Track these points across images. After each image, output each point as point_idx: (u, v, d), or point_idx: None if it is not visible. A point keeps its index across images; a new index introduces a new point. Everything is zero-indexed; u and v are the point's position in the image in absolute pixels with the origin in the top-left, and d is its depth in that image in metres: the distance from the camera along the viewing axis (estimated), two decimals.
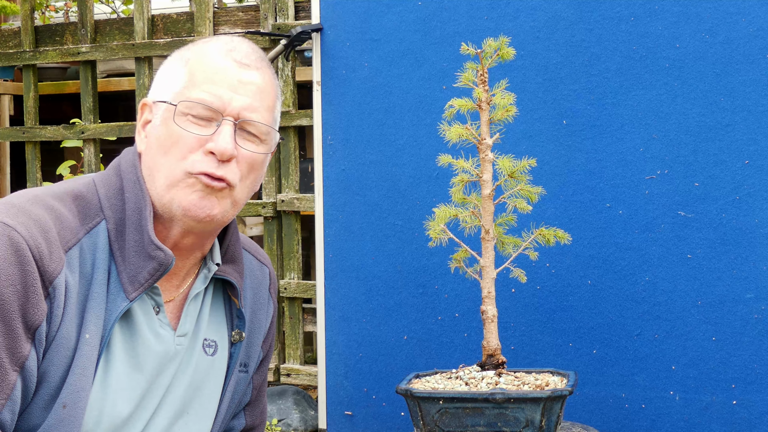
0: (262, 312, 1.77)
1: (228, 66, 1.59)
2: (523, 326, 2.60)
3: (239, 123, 1.58)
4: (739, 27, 2.42)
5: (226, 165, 1.57)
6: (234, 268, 1.70)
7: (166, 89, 1.61)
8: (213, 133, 1.56)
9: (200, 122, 1.57)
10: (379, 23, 2.77)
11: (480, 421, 1.99)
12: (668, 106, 2.48)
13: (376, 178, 2.78)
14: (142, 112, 1.64)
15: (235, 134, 1.58)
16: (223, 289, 1.71)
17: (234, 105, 1.58)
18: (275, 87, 1.65)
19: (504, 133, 2.20)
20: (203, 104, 1.56)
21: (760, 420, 2.42)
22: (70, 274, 1.50)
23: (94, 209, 1.57)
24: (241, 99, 1.58)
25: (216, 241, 1.69)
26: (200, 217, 1.56)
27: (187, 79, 1.59)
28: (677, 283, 2.48)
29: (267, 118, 1.62)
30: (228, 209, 1.60)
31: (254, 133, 1.60)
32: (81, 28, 3.81)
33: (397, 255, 2.75)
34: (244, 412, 1.81)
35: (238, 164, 1.58)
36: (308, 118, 3.32)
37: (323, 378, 2.87)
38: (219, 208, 1.58)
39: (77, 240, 1.52)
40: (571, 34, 2.56)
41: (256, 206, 3.44)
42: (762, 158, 2.41)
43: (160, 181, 1.57)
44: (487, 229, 2.13)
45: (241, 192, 1.61)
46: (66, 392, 1.48)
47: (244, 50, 1.61)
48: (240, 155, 1.58)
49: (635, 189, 2.51)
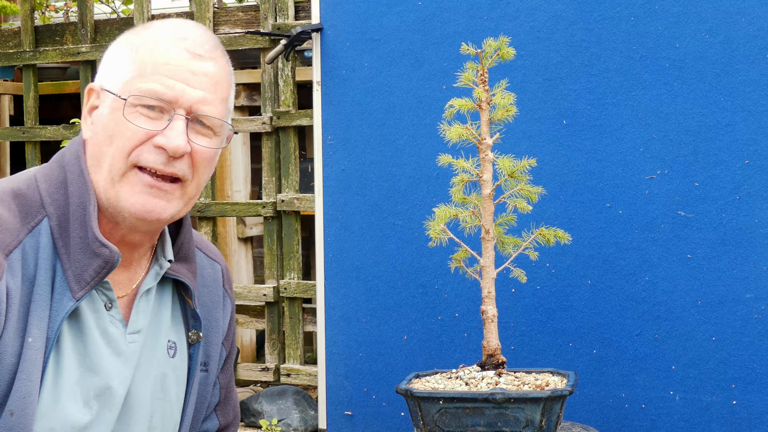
0: (218, 310, 1.70)
1: (180, 56, 1.51)
2: (523, 326, 2.60)
3: (192, 117, 1.50)
4: (739, 27, 2.42)
5: (178, 161, 1.49)
6: (187, 268, 1.63)
7: (115, 77, 1.53)
8: (164, 128, 1.49)
9: (150, 114, 1.49)
10: (379, 23, 2.76)
11: (480, 421, 1.99)
12: (668, 106, 2.48)
13: (376, 178, 2.78)
14: (89, 97, 1.56)
15: (188, 129, 1.50)
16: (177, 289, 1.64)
17: (186, 98, 1.49)
18: (229, 76, 1.57)
19: (504, 133, 2.20)
20: (154, 96, 1.48)
21: (760, 420, 2.42)
22: (12, 279, 1.43)
23: (35, 206, 1.49)
24: (194, 92, 1.50)
25: (168, 236, 1.62)
26: (149, 219, 1.50)
27: (137, 69, 1.51)
28: (677, 283, 2.48)
29: (221, 111, 1.54)
30: (180, 208, 1.53)
31: (208, 125, 1.53)
32: (81, 28, 3.80)
33: (397, 255, 2.75)
34: (216, 413, 1.75)
35: (191, 159, 1.51)
36: (308, 118, 3.32)
37: (323, 378, 2.87)
38: (169, 209, 1.51)
39: (18, 242, 1.45)
40: (571, 34, 2.56)
41: (256, 206, 3.44)
42: (762, 158, 2.41)
43: (105, 172, 1.49)
44: (487, 229, 2.13)
45: (194, 188, 1.54)
46: (12, 399, 1.42)
47: (197, 39, 1.53)
48: (193, 150, 1.51)
49: (635, 189, 2.51)
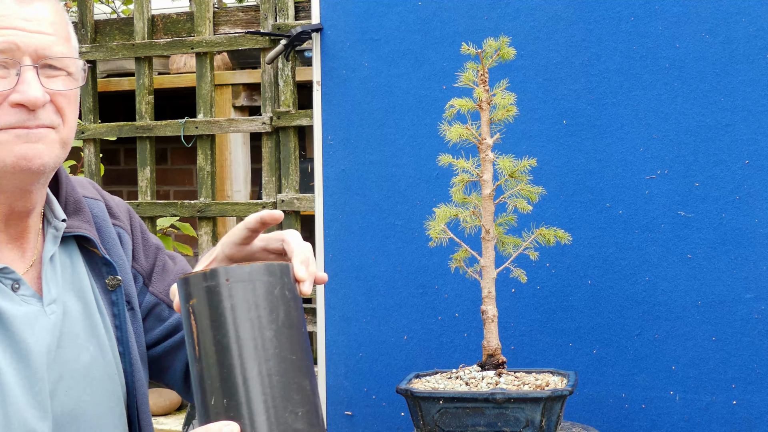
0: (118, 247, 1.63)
1: (7, 6, 1.43)
2: (523, 326, 2.60)
3: (40, 63, 1.44)
4: (739, 27, 2.42)
5: (41, 111, 1.44)
6: (81, 219, 1.57)
7: None
8: (16, 84, 1.42)
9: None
10: (379, 23, 2.76)
11: (480, 421, 1.99)
12: (668, 106, 2.48)
13: (376, 178, 2.78)
14: None
15: (39, 77, 1.44)
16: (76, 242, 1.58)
17: (27, 44, 1.42)
18: (63, 15, 1.51)
19: (504, 133, 2.20)
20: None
21: (760, 420, 2.42)
22: None
23: None
24: (32, 36, 1.42)
25: (52, 196, 1.57)
26: (33, 167, 1.43)
27: None
28: (677, 283, 2.48)
29: (67, 50, 1.49)
30: (59, 152, 1.47)
31: (58, 67, 1.47)
32: (81, 28, 3.81)
33: (397, 255, 2.75)
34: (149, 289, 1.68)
35: (54, 105, 1.46)
36: (308, 118, 3.32)
37: (323, 378, 2.87)
38: (49, 153, 1.45)
39: None
40: (571, 34, 2.56)
41: (256, 206, 3.44)
42: (762, 158, 2.41)
43: None
44: (488, 229, 2.13)
45: (66, 131, 1.49)
46: None
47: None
48: (53, 97, 1.45)
49: (635, 189, 2.51)
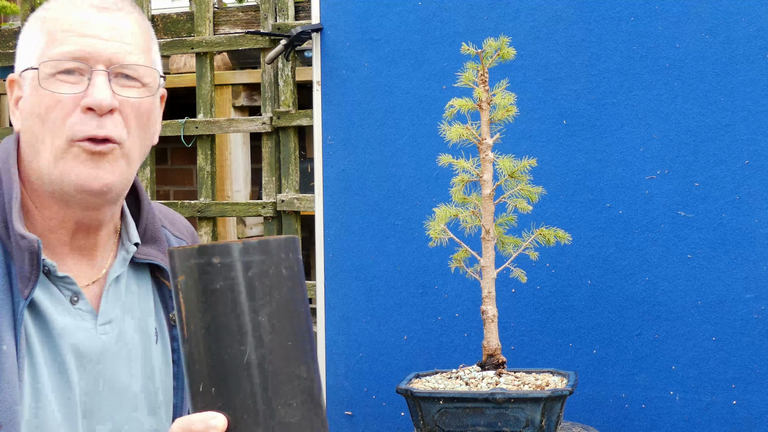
0: None
1: (86, 13, 1.44)
2: (523, 326, 2.60)
3: (112, 70, 1.43)
4: (739, 27, 2.42)
5: (108, 119, 1.42)
6: (157, 249, 1.56)
7: (29, 56, 1.46)
8: (86, 88, 1.42)
9: (70, 79, 1.42)
10: (379, 23, 2.76)
11: (480, 421, 1.99)
12: (668, 106, 2.48)
13: (376, 178, 2.77)
14: (12, 90, 1.49)
15: (111, 83, 1.43)
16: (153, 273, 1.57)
17: (102, 52, 1.42)
18: (145, 27, 1.51)
19: (504, 133, 2.20)
20: (67, 57, 1.42)
21: (760, 420, 2.42)
22: None
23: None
24: (108, 44, 1.43)
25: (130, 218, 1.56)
26: (96, 188, 1.42)
27: (47, 38, 1.44)
28: (677, 283, 2.48)
29: (145, 61, 1.47)
30: (124, 171, 1.45)
31: (132, 76, 1.45)
32: None
33: (397, 255, 2.75)
34: None
35: (122, 115, 1.44)
36: (308, 118, 3.32)
37: (323, 378, 2.87)
38: (113, 174, 1.43)
39: None
40: (571, 34, 2.56)
41: (256, 206, 3.44)
42: (762, 158, 2.41)
43: (45, 154, 1.42)
44: (488, 229, 2.13)
45: (134, 147, 1.46)
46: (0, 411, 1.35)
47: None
48: (122, 104, 1.44)
49: (635, 189, 2.51)
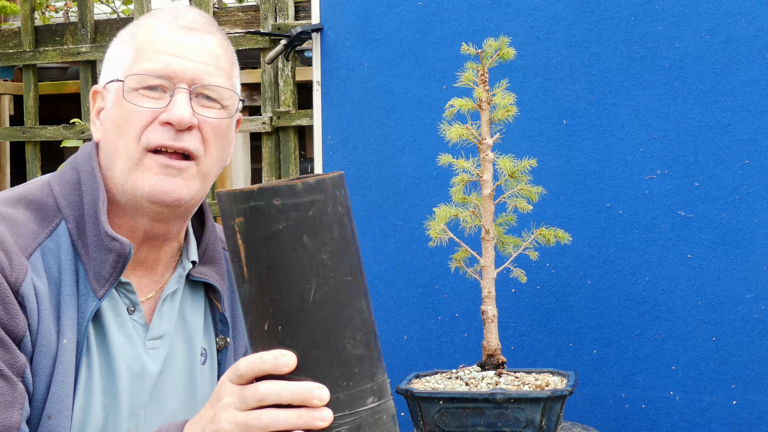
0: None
1: (175, 33, 1.50)
2: (523, 326, 2.60)
3: (194, 89, 1.48)
4: (739, 27, 2.42)
5: (187, 134, 1.46)
6: (214, 270, 1.59)
7: (116, 69, 1.51)
8: (168, 104, 1.46)
9: (153, 95, 1.47)
10: (379, 23, 2.76)
11: (480, 421, 1.99)
12: (668, 106, 2.48)
13: (376, 178, 2.77)
14: (94, 101, 1.54)
15: (192, 102, 1.47)
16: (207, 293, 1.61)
17: (186, 71, 1.48)
18: (229, 51, 1.56)
19: (504, 133, 2.20)
20: (152, 74, 1.47)
21: (760, 420, 2.41)
22: (38, 279, 1.41)
23: (51, 211, 1.47)
24: (192, 64, 1.48)
25: (192, 237, 1.59)
26: (168, 201, 1.46)
27: (135, 54, 1.49)
28: (677, 283, 2.48)
29: (226, 84, 1.52)
30: (197, 187, 1.49)
31: (213, 97, 1.50)
32: (81, 28, 3.80)
33: (397, 255, 2.75)
34: None
35: (200, 133, 1.48)
36: (308, 118, 3.32)
37: None
38: (187, 189, 1.47)
39: (37, 244, 1.43)
40: (571, 34, 2.56)
41: None
42: (762, 158, 2.41)
43: (119, 165, 1.47)
44: (488, 229, 2.13)
45: (209, 164, 1.50)
46: (50, 402, 1.40)
47: (190, 16, 1.52)
48: (201, 123, 1.48)
49: (635, 189, 2.50)
